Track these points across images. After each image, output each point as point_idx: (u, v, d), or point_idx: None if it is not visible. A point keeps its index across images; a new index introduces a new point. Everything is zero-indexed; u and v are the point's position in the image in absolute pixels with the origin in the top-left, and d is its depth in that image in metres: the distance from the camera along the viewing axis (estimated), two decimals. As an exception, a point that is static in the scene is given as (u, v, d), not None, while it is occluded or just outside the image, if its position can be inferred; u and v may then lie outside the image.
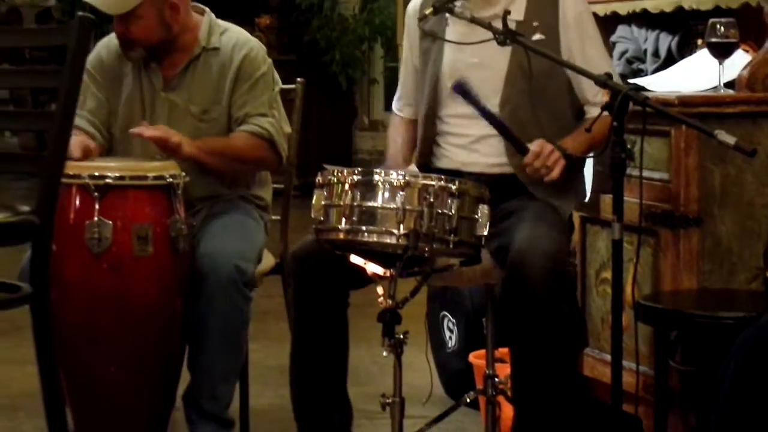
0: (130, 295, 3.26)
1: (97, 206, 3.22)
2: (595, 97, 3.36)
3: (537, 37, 3.32)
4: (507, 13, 3.14)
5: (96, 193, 3.22)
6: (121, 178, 3.26)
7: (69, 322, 3.20)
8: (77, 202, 3.24)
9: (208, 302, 3.37)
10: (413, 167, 3.50)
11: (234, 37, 3.68)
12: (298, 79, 3.92)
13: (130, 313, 3.25)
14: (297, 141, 3.86)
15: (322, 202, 2.97)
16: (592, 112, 3.31)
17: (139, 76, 3.66)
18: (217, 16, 3.74)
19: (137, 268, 3.26)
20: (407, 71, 3.63)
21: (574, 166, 3.30)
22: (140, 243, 3.25)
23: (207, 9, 3.72)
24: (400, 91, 3.67)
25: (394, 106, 3.69)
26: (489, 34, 3.15)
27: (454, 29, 3.41)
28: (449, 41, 3.41)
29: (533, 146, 3.21)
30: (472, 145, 3.40)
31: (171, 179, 3.31)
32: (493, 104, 3.35)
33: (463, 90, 3.23)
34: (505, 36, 3.12)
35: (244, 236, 3.53)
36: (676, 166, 3.41)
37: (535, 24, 3.35)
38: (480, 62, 3.38)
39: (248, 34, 3.75)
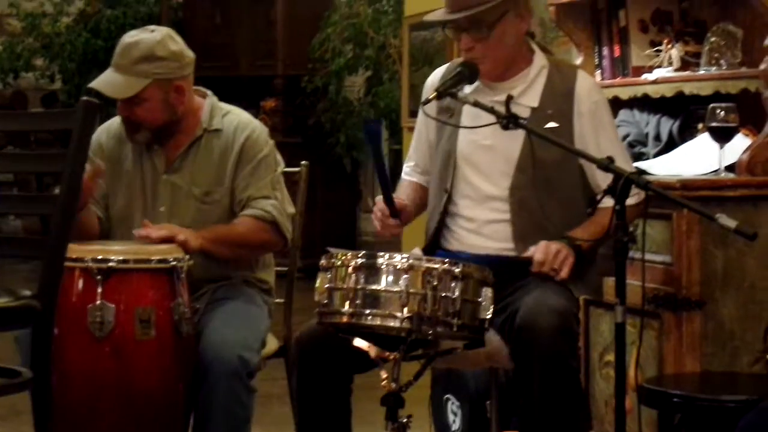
0: (132, 380, 3.24)
1: (99, 290, 3.21)
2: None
3: (551, 124, 3.34)
4: (510, 97, 3.17)
5: (99, 277, 3.22)
6: (125, 261, 3.27)
7: (70, 407, 3.18)
8: (80, 286, 3.24)
9: (210, 393, 3.34)
10: (417, 250, 3.51)
11: (236, 120, 3.70)
12: (303, 162, 3.94)
13: (132, 398, 3.23)
14: (301, 223, 3.88)
15: (326, 285, 2.98)
16: (605, 200, 3.31)
17: (140, 159, 3.68)
18: (223, 100, 3.77)
19: (140, 352, 3.25)
20: (420, 141, 3.64)
21: (585, 256, 3.30)
22: (143, 326, 3.24)
23: (209, 92, 3.75)
24: (412, 158, 3.66)
25: (404, 171, 3.69)
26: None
27: (469, 111, 3.43)
28: (456, 126, 3.42)
29: (536, 254, 3.22)
30: (480, 229, 3.41)
31: (174, 262, 3.31)
32: (502, 188, 3.37)
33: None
34: (508, 120, 3.14)
35: (249, 325, 3.51)
36: (678, 249, 3.43)
37: (549, 112, 3.37)
38: (492, 144, 3.39)
39: (250, 116, 3.77)
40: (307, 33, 10.00)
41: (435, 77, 3.59)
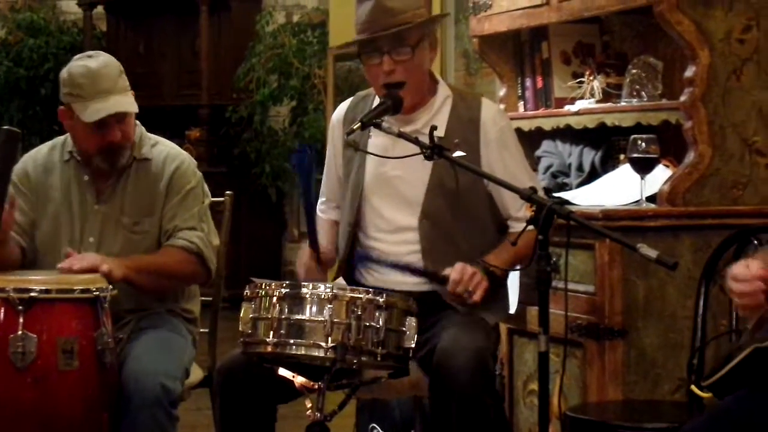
0: (55, 410, 3.19)
1: (21, 320, 3.17)
2: (518, 212, 3.40)
3: (457, 153, 3.34)
4: (434, 128, 3.18)
5: (20, 307, 3.17)
6: (47, 291, 3.22)
7: (-10, 438, 3.14)
8: (1, 316, 3.19)
9: (133, 422, 3.31)
10: (341, 280, 3.51)
11: (165, 150, 3.70)
12: (227, 192, 3.94)
13: (54, 429, 3.18)
14: (226, 253, 3.86)
15: (250, 315, 2.97)
16: (516, 226, 3.36)
17: (68, 189, 3.64)
18: (148, 130, 3.76)
19: (62, 383, 3.20)
20: (330, 177, 3.65)
21: (498, 280, 3.32)
22: (65, 357, 3.20)
23: (137, 121, 3.74)
24: (325, 194, 3.68)
25: (318, 207, 3.68)
26: (411, 148, 3.18)
27: (376, 141, 3.45)
28: (373, 154, 3.43)
29: (453, 273, 3.23)
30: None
31: (98, 292, 3.27)
32: (413, 217, 3.39)
33: (364, 257, 3.30)
34: (432, 151, 3.15)
35: (171, 354, 3.49)
36: (601, 278, 3.45)
37: (456, 140, 3.39)
38: (402, 175, 3.41)
39: (179, 148, 3.76)
40: (231, 63, 9.99)
41: (340, 111, 3.62)
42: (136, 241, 3.60)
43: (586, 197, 3.88)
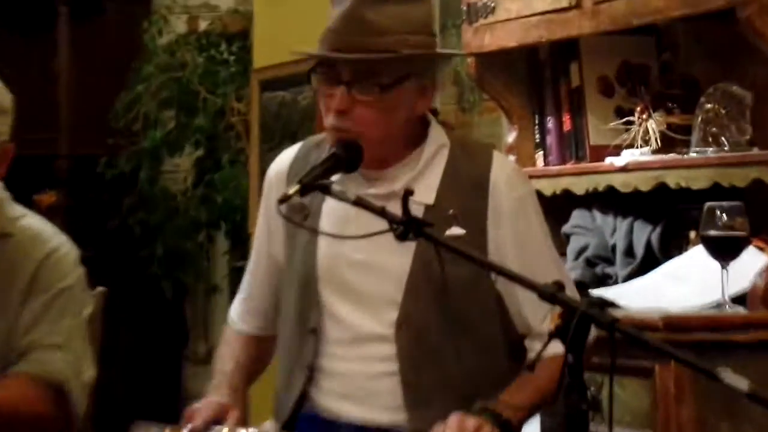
0: None
1: None
2: (541, 324, 3.35)
3: (453, 231, 3.34)
4: (408, 193, 3.13)
5: None
6: None
7: None
8: None
9: None
10: (269, 424, 3.47)
11: (36, 228, 3.75)
12: (98, 288, 3.91)
13: None
14: (95, 379, 3.81)
15: (131, 480, 2.94)
16: (537, 347, 3.32)
17: None
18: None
19: None
20: (259, 262, 3.65)
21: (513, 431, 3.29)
22: None
23: (1, 183, 3.75)
24: (248, 290, 3.69)
25: (233, 312, 3.70)
26: (380, 221, 3.15)
27: (333, 209, 3.43)
28: (322, 233, 3.40)
29: (448, 430, 3.17)
30: (357, 392, 3.39)
31: None
32: (386, 324, 3.36)
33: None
34: (407, 227, 3.11)
35: None
36: (664, 420, 3.45)
37: (450, 212, 3.37)
38: (367, 260, 3.39)
39: (57, 229, 3.79)
40: (106, 92, 10.00)
41: (282, 163, 3.62)
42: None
43: (640, 296, 3.88)
